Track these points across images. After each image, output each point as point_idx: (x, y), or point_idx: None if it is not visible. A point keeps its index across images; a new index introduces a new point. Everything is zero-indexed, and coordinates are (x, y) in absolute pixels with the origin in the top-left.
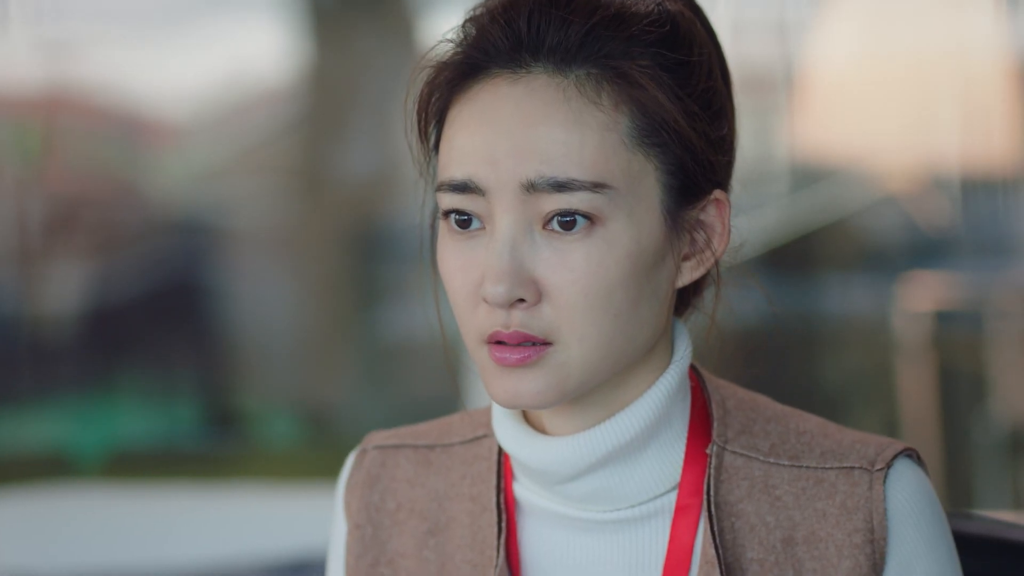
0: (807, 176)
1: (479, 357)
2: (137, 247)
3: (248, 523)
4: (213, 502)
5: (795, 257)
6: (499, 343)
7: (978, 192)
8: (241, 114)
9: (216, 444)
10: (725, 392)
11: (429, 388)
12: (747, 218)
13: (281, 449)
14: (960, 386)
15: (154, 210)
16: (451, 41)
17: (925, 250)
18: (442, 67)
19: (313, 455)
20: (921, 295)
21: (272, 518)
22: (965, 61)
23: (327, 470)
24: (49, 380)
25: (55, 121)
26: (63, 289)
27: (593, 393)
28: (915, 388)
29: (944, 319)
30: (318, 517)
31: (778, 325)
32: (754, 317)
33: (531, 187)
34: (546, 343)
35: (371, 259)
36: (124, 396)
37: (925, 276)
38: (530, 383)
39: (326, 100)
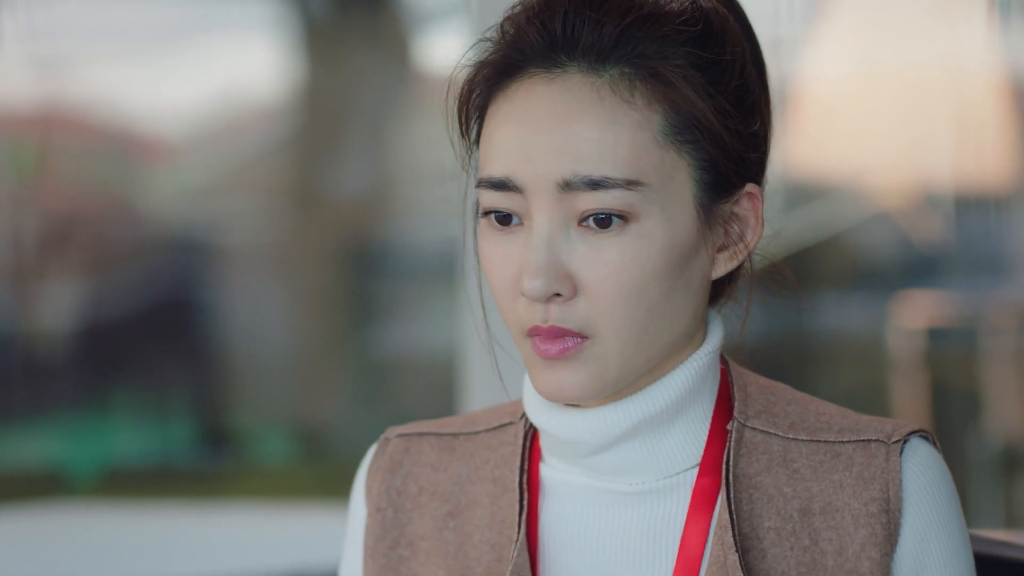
0: (801, 194)
1: (524, 349)
2: (131, 264)
3: (242, 540)
4: (207, 519)
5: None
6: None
7: (972, 209)
8: (235, 131)
9: (210, 462)
10: (748, 378)
11: (423, 406)
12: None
13: (275, 467)
14: (953, 403)
15: (148, 227)
16: (489, 40)
17: (919, 267)
18: (481, 65)
19: (307, 473)
20: (915, 312)
21: (266, 535)
22: (958, 79)
23: (321, 488)
24: (43, 398)
25: (49, 139)
26: (57, 306)
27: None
28: (909, 405)
29: (938, 336)
30: (312, 534)
31: (773, 341)
32: (750, 333)
33: (566, 185)
34: (582, 336)
35: (365, 276)
36: (118, 414)
37: (919, 293)
38: (572, 375)
39: (320, 117)
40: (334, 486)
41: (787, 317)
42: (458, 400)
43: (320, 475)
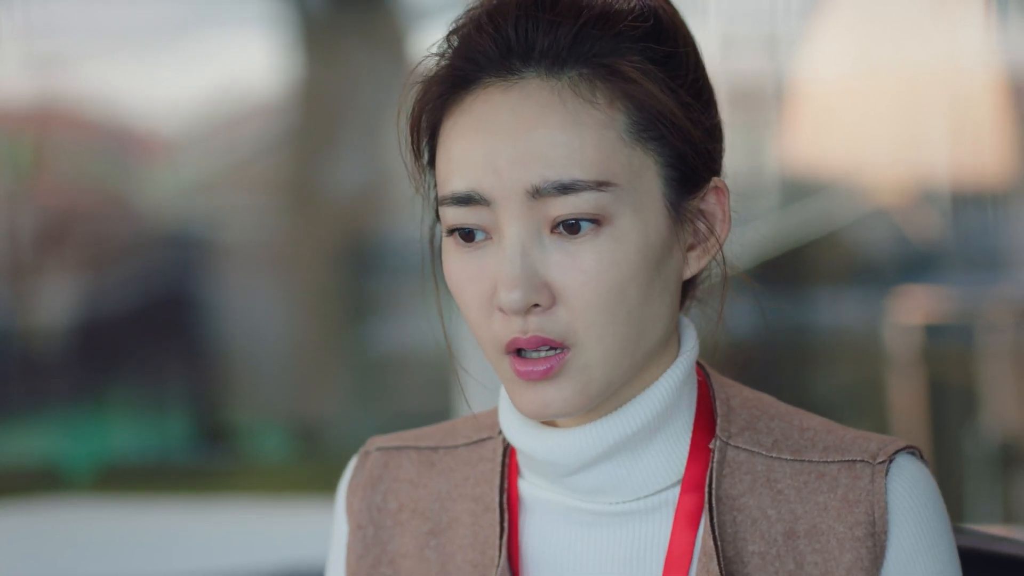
0: (798, 190)
1: (501, 368)
2: (128, 261)
3: (239, 537)
4: (204, 516)
5: (786, 271)
6: (519, 353)
7: (968, 205)
8: (232, 128)
9: (207, 458)
10: (731, 390)
11: (420, 402)
12: (742, 228)
13: (272, 463)
14: (951, 399)
15: (145, 224)
16: (437, 55)
17: (916, 263)
18: (431, 81)
19: (303, 469)
20: (912, 308)
21: (262, 532)
22: (955, 75)
23: (317, 484)
24: (40, 394)
25: (46, 135)
26: (54, 303)
27: None
28: (906, 401)
29: (935, 332)
30: (308, 531)
31: (769, 338)
32: (745, 330)
33: (536, 192)
34: (564, 346)
35: (362, 273)
36: (115, 410)
37: (916, 289)
38: (556, 392)
39: (317, 114)
40: (330, 482)
41: (782, 313)
42: (454, 397)
43: (316, 471)
